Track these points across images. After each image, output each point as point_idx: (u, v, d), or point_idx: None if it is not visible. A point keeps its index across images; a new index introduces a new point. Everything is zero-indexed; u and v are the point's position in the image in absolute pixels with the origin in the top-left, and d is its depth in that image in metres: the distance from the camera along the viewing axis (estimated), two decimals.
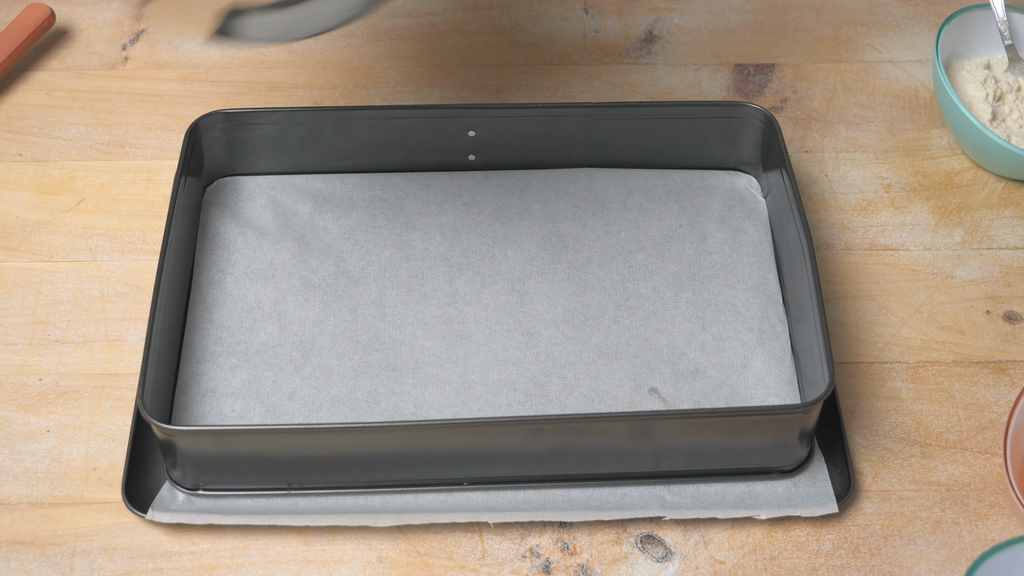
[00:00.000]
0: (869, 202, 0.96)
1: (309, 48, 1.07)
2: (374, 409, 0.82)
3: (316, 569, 0.77)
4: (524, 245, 0.91)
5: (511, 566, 0.78)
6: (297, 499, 0.79)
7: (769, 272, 0.89)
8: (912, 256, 0.93)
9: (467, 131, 0.93)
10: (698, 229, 0.92)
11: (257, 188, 0.94)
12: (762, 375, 0.84)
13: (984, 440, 0.83)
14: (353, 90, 1.04)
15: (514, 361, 0.85)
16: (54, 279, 0.91)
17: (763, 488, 0.80)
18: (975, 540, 0.79)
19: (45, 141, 1.00)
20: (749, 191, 0.94)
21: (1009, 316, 0.90)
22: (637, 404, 0.83)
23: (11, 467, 0.81)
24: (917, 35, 1.08)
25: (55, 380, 0.85)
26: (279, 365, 0.84)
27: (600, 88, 1.04)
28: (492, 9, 1.10)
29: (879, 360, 0.87)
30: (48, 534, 0.79)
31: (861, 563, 0.78)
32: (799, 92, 1.04)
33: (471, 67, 1.06)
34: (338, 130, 0.93)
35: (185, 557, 0.78)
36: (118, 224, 0.94)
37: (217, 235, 0.91)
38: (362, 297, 0.88)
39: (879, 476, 0.82)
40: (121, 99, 1.03)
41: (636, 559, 0.78)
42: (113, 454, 0.82)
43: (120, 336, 0.88)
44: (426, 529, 0.79)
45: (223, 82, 1.04)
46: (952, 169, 0.99)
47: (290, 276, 0.89)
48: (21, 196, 0.96)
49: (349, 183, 0.94)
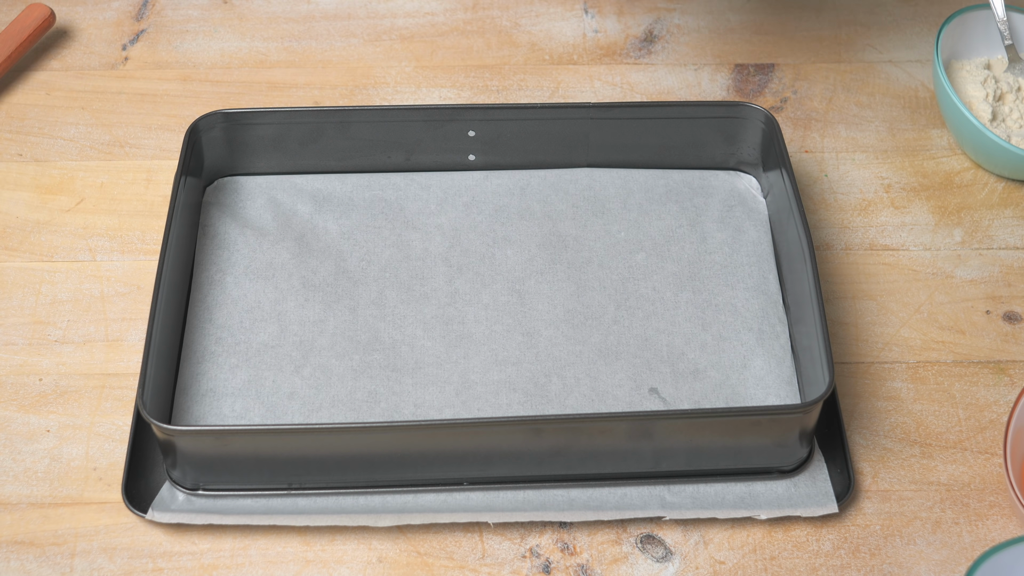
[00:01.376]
0: (869, 202, 0.96)
1: (309, 48, 1.07)
2: (374, 409, 0.82)
3: (316, 569, 0.77)
4: (524, 245, 0.91)
5: (511, 566, 0.78)
6: (297, 499, 0.79)
7: (769, 272, 0.89)
8: (912, 256, 0.93)
9: (467, 131, 0.93)
10: (698, 229, 0.92)
11: (257, 188, 0.94)
12: (762, 375, 0.84)
13: (984, 440, 0.83)
14: (353, 90, 1.04)
15: (514, 361, 0.85)
16: (54, 279, 0.91)
17: (763, 488, 0.80)
18: (975, 540, 0.79)
19: (45, 141, 1.00)
20: (749, 191, 0.94)
21: (1009, 316, 0.90)
22: (637, 404, 0.83)
23: (11, 467, 0.81)
24: (917, 35, 1.08)
25: (55, 380, 0.85)
26: (279, 365, 0.84)
27: (600, 88, 1.04)
28: (492, 9, 1.10)
29: (879, 360, 0.87)
30: (48, 534, 0.79)
31: (861, 563, 0.78)
32: (799, 92, 1.04)
33: (471, 67, 1.06)
34: (338, 130, 0.93)
35: (185, 557, 0.78)
36: (118, 224, 0.94)
37: (217, 235, 0.91)
38: (362, 297, 0.88)
39: (879, 476, 0.82)
40: (121, 99, 1.03)
41: (636, 559, 0.78)
42: (113, 454, 0.82)
43: (120, 336, 0.88)
44: (426, 529, 0.79)
45: (223, 82, 1.04)
46: (952, 169, 0.99)
47: (290, 276, 0.89)
48: (21, 196, 0.96)
49: (349, 183, 0.94)
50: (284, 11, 1.10)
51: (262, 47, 1.07)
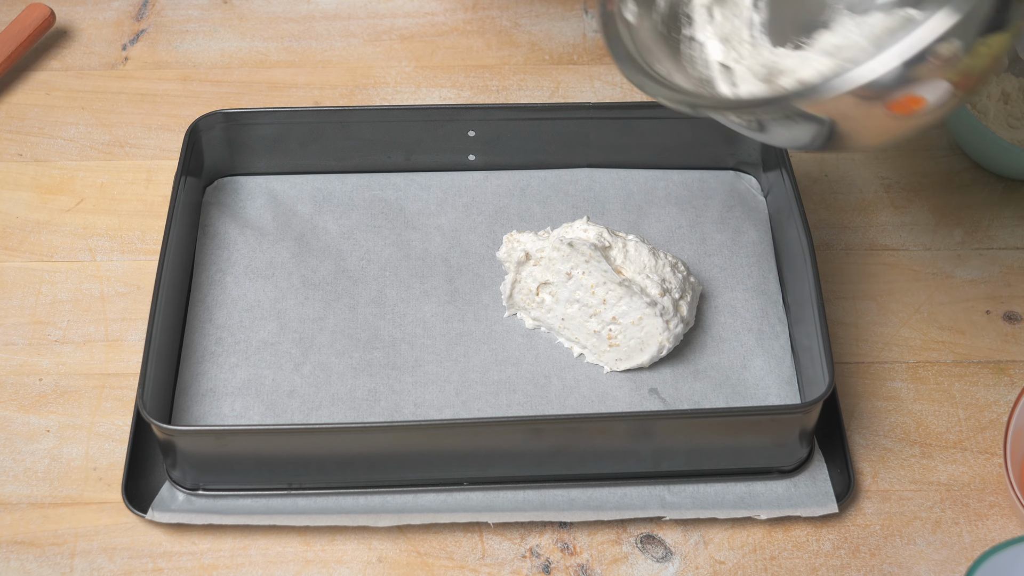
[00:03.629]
0: (869, 202, 0.96)
1: (309, 48, 1.07)
2: (374, 407, 0.82)
3: (316, 569, 0.77)
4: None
5: (511, 566, 0.78)
6: (297, 499, 0.79)
7: (769, 272, 0.89)
8: (912, 256, 0.93)
9: (467, 131, 0.93)
10: (698, 229, 0.92)
11: (257, 188, 0.94)
12: (762, 375, 0.84)
13: (984, 440, 0.83)
14: (353, 90, 1.04)
15: (514, 361, 0.85)
16: (54, 279, 0.91)
17: (763, 488, 0.80)
18: (975, 540, 0.79)
19: (45, 141, 1.00)
20: (749, 191, 0.94)
21: (1009, 316, 0.90)
22: (637, 404, 0.83)
23: (11, 467, 0.81)
24: None
25: (55, 380, 0.85)
26: (279, 363, 0.84)
27: (600, 88, 1.04)
28: (492, 9, 1.10)
29: (879, 360, 0.87)
30: (48, 534, 0.78)
31: (861, 563, 0.78)
32: None
33: (471, 67, 1.06)
34: (338, 130, 0.93)
35: (185, 557, 0.78)
36: (118, 224, 0.94)
37: (217, 235, 0.91)
38: (362, 295, 0.88)
39: (879, 476, 0.82)
40: (121, 99, 1.03)
41: (636, 559, 0.78)
42: (113, 454, 0.82)
43: (120, 336, 0.88)
44: (426, 529, 0.79)
45: (223, 82, 1.04)
46: (952, 169, 0.99)
47: (290, 275, 0.89)
48: (21, 196, 0.96)
49: (349, 183, 0.94)
50: (284, 11, 1.10)
51: (262, 47, 1.07)
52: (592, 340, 0.83)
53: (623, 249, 0.83)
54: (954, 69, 0.58)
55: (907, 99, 0.58)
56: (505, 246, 0.85)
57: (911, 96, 0.58)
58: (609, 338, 0.83)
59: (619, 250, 0.83)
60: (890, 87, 0.58)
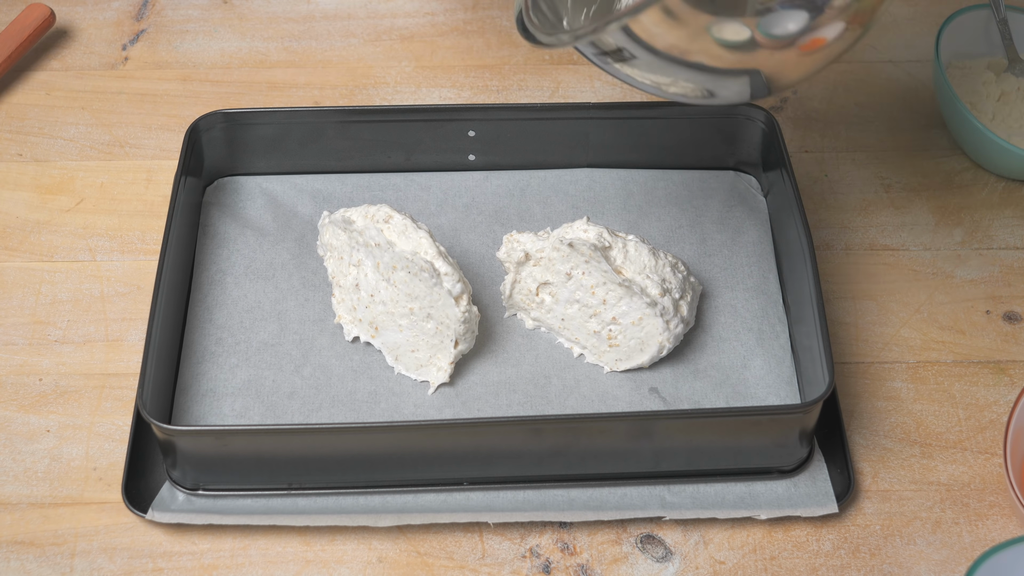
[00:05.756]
0: (869, 202, 0.96)
1: (309, 48, 1.07)
2: (374, 409, 0.82)
3: (316, 569, 0.77)
4: None
5: (511, 566, 0.78)
6: (297, 499, 0.79)
7: (769, 272, 0.89)
8: (912, 256, 0.93)
9: (467, 131, 0.93)
10: (698, 229, 0.92)
11: (257, 188, 0.94)
12: (762, 375, 0.84)
13: (984, 440, 0.83)
14: (353, 90, 1.04)
15: (514, 361, 0.85)
16: (54, 279, 0.91)
17: (763, 488, 0.80)
18: (975, 540, 0.79)
19: (45, 141, 1.00)
20: (749, 191, 0.94)
21: (1009, 316, 0.90)
22: (637, 404, 0.83)
23: (11, 467, 0.81)
24: (917, 35, 1.08)
25: (55, 380, 0.85)
26: (279, 364, 0.84)
27: (600, 88, 1.04)
28: (492, 9, 1.10)
29: (879, 360, 0.87)
30: (48, 534, 0.79)
31: (861, 563, 0.78)
32: (799, 92, 1.04)
33: (471, 67, 1.06)
34: (338, 130, 0.93)
35: (185, 557, 0.78)
36: (118, 224, 0.94)
37: (217, 235, 0.91)
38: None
39: (879, 476, 0.82)
40: (121, 99, 1.03)
41: (636, 559, 0.78)
42: (113, 454, 0.82)
43: (120, 336, 0.88)
44: (426, 529, 0.79)
45: (223, 82, 1.04)
46: (952, 169, 0.99)
47: (290, 276, 0.89)
48: (21, 196, 0.96)
49: (349, 183, 0.94)
50: (284, 11, 1.10)
51: (262, 47, 1.07)
52: (592, 340, 0.83)
53: (623, 249, 0.83)
54: (847, 13, 0.68)
55: (812, 40, 0.69)
56: (505, 246, 0.85)
57: (815, 38, 0.69)
58: (609, 338, 0.83)
59: (619, 250, 0.83)
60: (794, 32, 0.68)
